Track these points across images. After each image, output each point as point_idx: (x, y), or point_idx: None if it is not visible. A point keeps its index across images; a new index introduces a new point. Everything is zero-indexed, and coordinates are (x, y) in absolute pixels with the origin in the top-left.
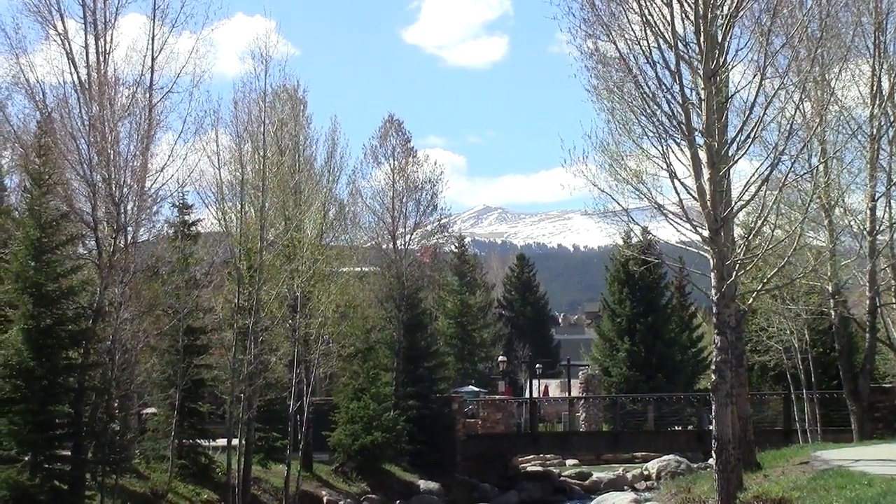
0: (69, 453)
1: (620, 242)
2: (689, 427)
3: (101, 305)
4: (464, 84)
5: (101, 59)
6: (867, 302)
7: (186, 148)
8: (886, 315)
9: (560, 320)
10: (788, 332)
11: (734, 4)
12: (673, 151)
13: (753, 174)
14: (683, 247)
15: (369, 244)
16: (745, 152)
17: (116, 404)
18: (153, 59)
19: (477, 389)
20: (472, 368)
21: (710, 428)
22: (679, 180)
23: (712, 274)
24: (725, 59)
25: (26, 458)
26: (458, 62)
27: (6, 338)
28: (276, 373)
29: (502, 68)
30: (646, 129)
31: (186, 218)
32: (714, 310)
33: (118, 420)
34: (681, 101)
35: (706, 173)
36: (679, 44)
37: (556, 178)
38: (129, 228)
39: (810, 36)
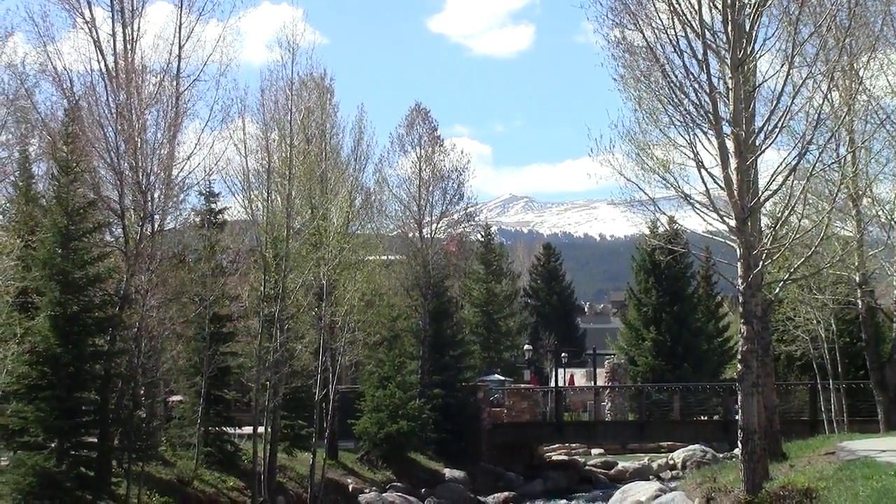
0: (95, 440)
1: (647, 232)
2: (715, 417)
3: (127, 293)
4: (490, 73)
5: (129, 47)
6: (894, 292)
7: (213, 136)
8: None
9: (586, 309)
10: (815, 321)
11: None
12: (700, 141)
13: (781, 164)
14: (710, 236)
15: (395, 233)
16: (772, 142)
17: (143, 391)
18: (180, 48)
19: (502, 378)
20: (498, 357)
21: (736, 418)
22: (706, 170)
23: (739, 263)
24: (753, 48)
25: (53, 445)
26: (484, 51)
27: (33, 325)
28: (302, 361)
29: (529, 57)
30: (673, 119)
31: (213, 206)
32: (740, 299)
33: (144, 407)
34: (708, 91)
35: (733, 163)
36: (706, 33)
37: (583, 167)
38: (156, 216)
39: (839, 25)
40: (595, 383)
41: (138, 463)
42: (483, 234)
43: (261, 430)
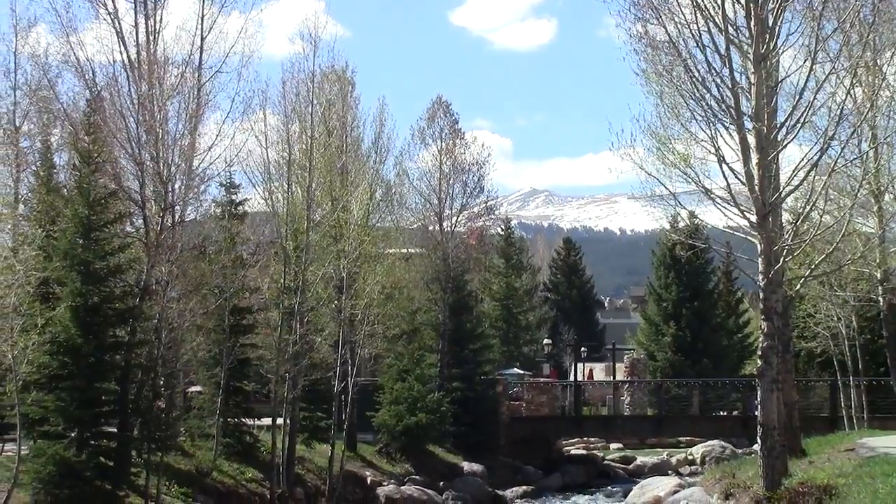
0: (115, 430)
1: (667, 226)
2: (735, 412)
3: (148, 284)
4: (511, 67)
5: (151, 38)
6: None
7: (234, 127)
8: None
9: (606, 304)
10: (836, 318)
11: None
12: (721, 136)
13: (802, 159)
14: (731, 231)
15: (415, 225)
16: (794, 137)
17: (162, 382)
18: (202, 39)
19: (522, 372)
20: (517, 351)
21: (756, 414)
22: (727, 165)
23: (760, 259)
24: (776, 43)
25: (73, 435)
26: (505, 45)
27: (54, 315)
28: (321, 353)
29: (550, 51)
30: (694, 113)
31: (233, 197)
32: (761, 295)
33: (164, 398)
34: (730, 85)
35: (755, 158)
36: (729, 27)
37: (604, 161)
38: (177, 207)
39: (862, 20)
40: (614, 378)
41: (157, 453)
42: (503, 227)
43: (280, 421)
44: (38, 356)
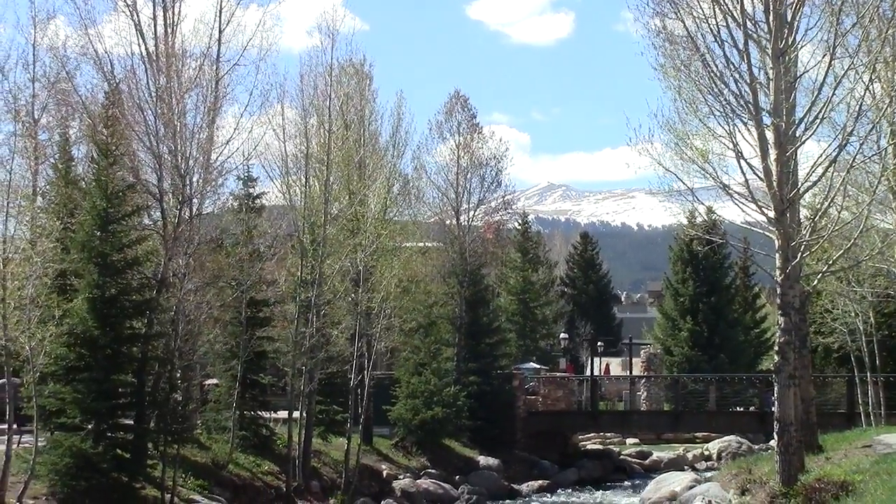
0: (132, 422)
1: (685, 222)
2: (751, 408)
3: (165, 276)
4: (529, 61)
5: (169, 30)
6: None
7: (252, 121)
8: None
9: (622, 299)
10: (853, 314)
11: None
12: (739, 131)
13: (821, 155)
14: (748, 227)
15: (433, 219)
16: (812, 133)
17: (179, 375)
18: (220, 32)
19: (538, 366)
20: (534, 345)
21: (773, 409)
22: (745, 160)
23: (777, 255)
24: (795, 38)
25: (90, 427)
26: (522, 39)
27: (72, 307)
28: (338, 346)
29: (568, 45)
30: (713, 109)
31: (251, 191)
32: (778, 291)
33: (180, 390)
34: (748, 81)
35: (773, 154)
36: (748, 22)
37: (621, 155)
38: (195, 200)
39: (882, 16)
40: (631, 373)
41: (174, 445)
42: (520, 222)
43: (296, 414)
44: (55, 348)
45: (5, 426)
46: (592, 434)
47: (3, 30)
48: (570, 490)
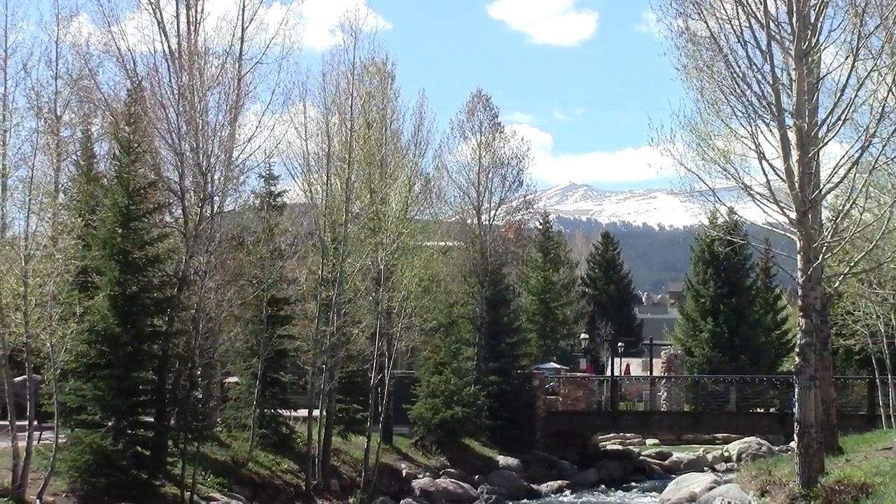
0: (152, 420)
1: (706, 222)
2: (772, 409)
3: (186, 274)
4: (551, 61)
5: (192, 28)
6: None
7: (274, 119)
8: None
9: (643, 299)
10: (875, 316)
11: None
12: (762, 132)
13: (843, 156)
14: (770, 228)
15: (454, 219)
16: (835, 134)
17: (199, 372)
18: (243, 30)
19: (558, 366)
20: (554, 345)
21: (793, 411)
22: (767, 161)
23: (798, 256)
24: (818, 39)
25: (110, 424)
26: (544, 39)
27: (93, 304)
28: (358, 345)
29: (590, 46)
30: (735, 109)
31: (272, 189)
32: (800, 292)
33: (201, 388)
34: (771, 82)
35: (795, 155)
36: (771, 23)
37: (643, 156)
38: (216, 198)
39: None
40: (651, 373)
41: (194, 443)
42: (541, 221)
43: (316, 413)
44: (76, 345)
45: (26, 423)
46: (612, 434)
47: (26, 26)
48: (589, 490)
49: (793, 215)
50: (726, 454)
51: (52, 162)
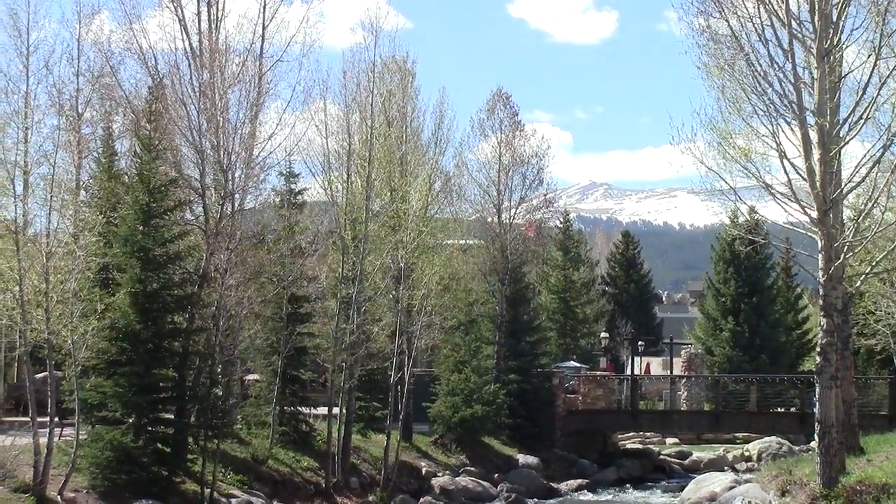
0: (172, 417)
1: (727, 221)
2: (792, 409)
3: (206, 271)
4: (571, 60)
5: (213, 26)
6: None
7: (294, 117)
8: None
9: (663, 298)
10: None
11: None
12: (783, 131)
13: (865, 155)
14: (791, 227)
15: (474, 217)
16: (856, 133)
17: (220, 369)
18: (264, 28)
19: (578, 365)
20: (574, 344)
21: (814, 410)
22: (788, 160)
23: (820, 256)
24: (840, 38)
25: (130, 421)
26: (565, 38)
27: (113, 301)
28: (378, 343)
29: (611, 45)
30: (756, 108)
31: (293, 186)
32: (821, 292)
33: (221, 385)
34: (793, 80)
35: (816, 154)
36: (793, 22)
37: (663, 154)
38: (237, 195)
39: None
40: (671, 372)
41: (214, 440)
42: (562, 220)
43: (336, 410)
44: (97, 342)
45: (47, 419)
46: (632, 433)
47: (48, 24)
48: (609, 489)
49: (814, 214)
50: (746, 454)
51: (73, 159)
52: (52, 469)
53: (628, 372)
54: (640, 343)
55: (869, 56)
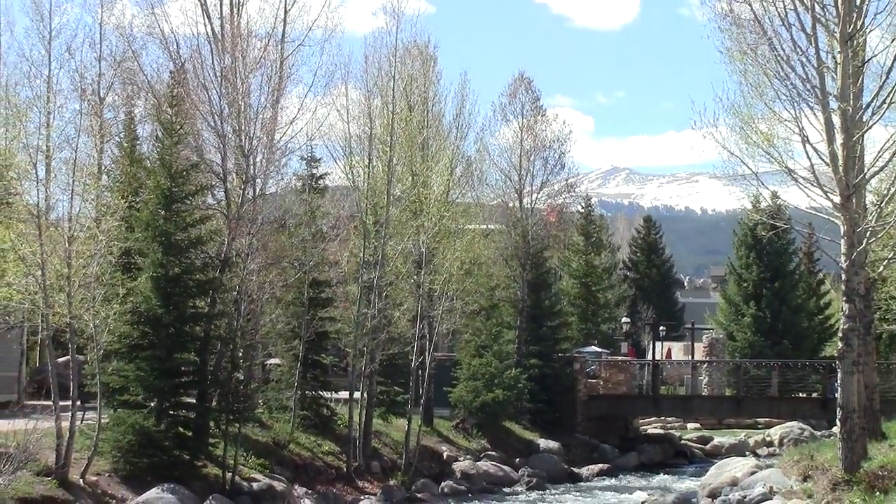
0: (194, 401)
1: (749, 206)
2: (814, 394)
3: (228, 256)
4: (593, 45)
5: (235, 11)
6: None
7: (316, 101)
8: None
9: (685, 283)
10: None
11: None
12: (805, 115)
13: (888, 140)
14: (813, 212)
15: (495, 202)
16: (880, 118)
17: (241, 354)
18: (286, 12)
19: (599, 350)
20: (596, 329)
21: (836, 396)
22: (811, 145)
23: (842, 241)
24: (863, 22)
25: (152, 405)
26: (586, 23)
27: (135, 285)
28: (400, 327)
29: (633, 30)
30: (778, 93)
31: (314, 171)
32: (843, 277)
33: (242, 369)
34: (815, 65)
35: (839, 138)
36: (816, 6)
37: (685, 139)
38: (258, 180)
39: None
40: (693, 357)
41: (235, 424)
42: (583, 205)
43: (357, 395)
44: (119, 326)
45: (69, 403)
46: (653, 418)
47: (70, 9)
48: (630, 474)
49: (836, 199)
50: (768, 439)
51: (95, 144)
52: (75, 453)
53: (649, 357)
54: (661, 328)
55: (893, 40)
